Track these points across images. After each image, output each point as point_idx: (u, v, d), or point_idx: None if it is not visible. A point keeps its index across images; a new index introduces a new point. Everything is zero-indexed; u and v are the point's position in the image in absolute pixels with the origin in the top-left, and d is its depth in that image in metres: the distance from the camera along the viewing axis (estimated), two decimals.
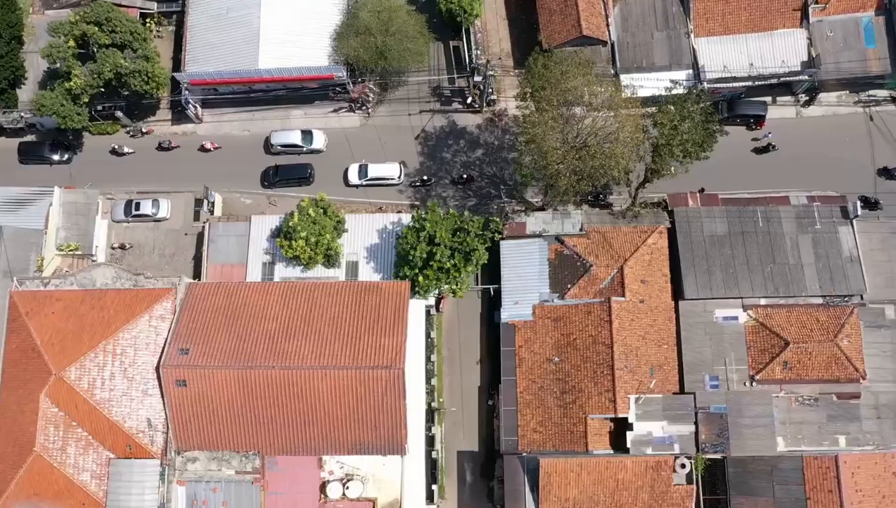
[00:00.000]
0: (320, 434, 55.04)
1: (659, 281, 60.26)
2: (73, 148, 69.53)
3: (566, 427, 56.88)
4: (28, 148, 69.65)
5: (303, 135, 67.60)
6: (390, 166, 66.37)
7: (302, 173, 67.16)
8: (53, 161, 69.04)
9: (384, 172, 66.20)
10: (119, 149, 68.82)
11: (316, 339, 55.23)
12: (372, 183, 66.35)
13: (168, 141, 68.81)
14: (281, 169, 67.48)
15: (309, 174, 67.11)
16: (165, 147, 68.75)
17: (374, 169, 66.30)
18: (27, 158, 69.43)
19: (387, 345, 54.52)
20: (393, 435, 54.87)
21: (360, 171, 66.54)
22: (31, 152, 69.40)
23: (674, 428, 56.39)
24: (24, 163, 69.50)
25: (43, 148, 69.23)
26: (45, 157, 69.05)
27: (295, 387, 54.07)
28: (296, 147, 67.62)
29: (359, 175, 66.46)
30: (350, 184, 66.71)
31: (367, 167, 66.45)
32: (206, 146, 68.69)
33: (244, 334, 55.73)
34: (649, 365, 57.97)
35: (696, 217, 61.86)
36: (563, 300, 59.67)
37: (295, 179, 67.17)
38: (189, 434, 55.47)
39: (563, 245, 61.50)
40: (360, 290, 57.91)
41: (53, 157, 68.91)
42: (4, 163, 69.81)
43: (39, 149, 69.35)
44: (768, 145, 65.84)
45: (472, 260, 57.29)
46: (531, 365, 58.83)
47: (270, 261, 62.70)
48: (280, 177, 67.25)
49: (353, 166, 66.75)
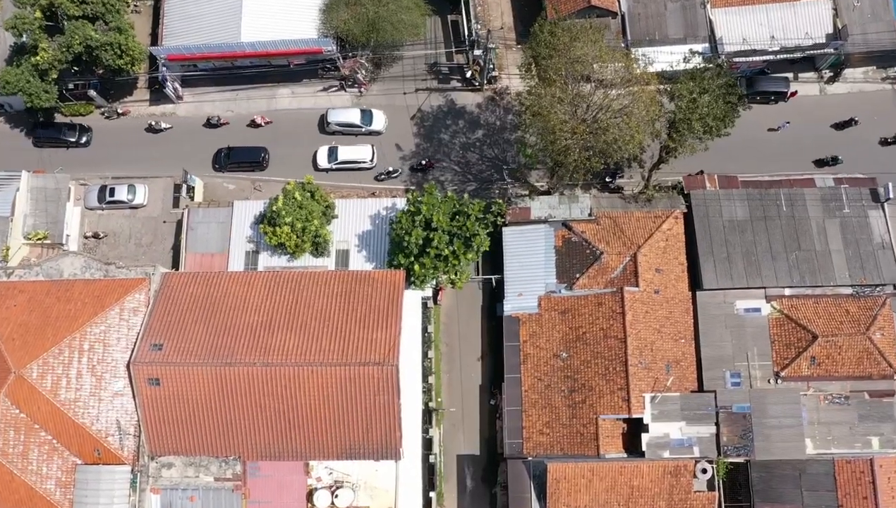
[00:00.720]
0: (307, 438, 50.44)
1: (675, 269, 55.95)
2: (90, 129, 64.94)
3: (575, 428, 52.49)
4: (43, 130, 64.70)
5: (362, 114, 62.78)
6: (362, 149, 62.20)
7: (254, 157, 62.79)
8: (70, 143, 64.15)
9: (355, 155, 62.04)
10: (156, 126, 64.02)
11: (302, 333, 50.59)
12: (342, 166, 62.07)
13: (217, 117, 63.95)
14: (233, 151, 63.14)
15: (262, 158, 62.81)
16: (215, 123, 63.91)
17: (345, 152, 62.10)
18: (42, 141, 64.51)
19: (379, 340, 49.89)
20: (386, 438, 50.27)
21: (329, 154, 62.30)
22: (46, 134, 64.44)
23: (693, 430, 52.12)
24: (38, 146, 64.64)
25: (59, 129, 64.36)
26: (61, 139, 64.10)
27: (279, 386, 49.46)
28: (353, 126, 62.80)
29: (328, 158, 62.25)
30: (319, 168, 62.50)
31: (336, 150, 62.18)
32: (257, 120, 63.89)
33: (224, 328, 51.11)
34: (665, 361, 53.66)
35: (714, 201, 57.60)
36: (571, 290, 55.31)
37: (247, 163, 62.92)
38: (163, 437, 50.85)
39: (570, 231, 56.99)
40: (351, 280, 53.27)
41: (70, 139, 63.97)
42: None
43: (55, 130, 64.43)
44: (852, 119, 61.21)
45: (472, 247, 52.61)
46: (537, 361, 54.60)
47: (254, 250, 58.26)
48: (232, 160, 63.00)
49: (323, 149, 62.68)
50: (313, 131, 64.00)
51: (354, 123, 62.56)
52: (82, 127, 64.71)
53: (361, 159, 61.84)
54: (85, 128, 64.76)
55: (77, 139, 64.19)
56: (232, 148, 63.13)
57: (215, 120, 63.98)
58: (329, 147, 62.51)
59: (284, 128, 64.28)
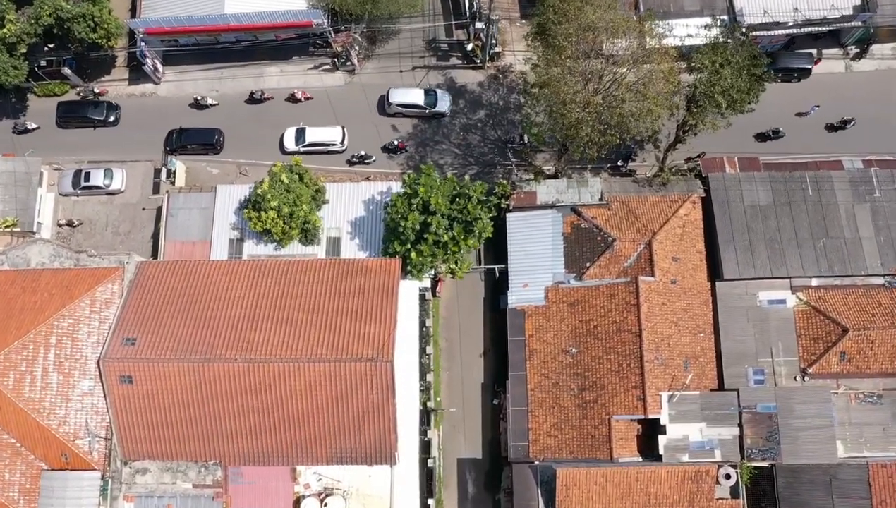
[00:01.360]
0: (294, 441, 46.23)
1: (693, 258, 51.86)
2: (119, 107, 60.74)
3: (586, 430, 48.40)
4: (68, 108, 60.20)
5: (426, 95, 58.53)
6: (331, 130, 58.25)
7: (208, 139, 58.89)
8: (97, 122, 59.82)
9: (324, 137, 58.06)
10: (202, 101, 59.76)
11: (288, 327, 46.37)
12: (310, 149, 58.07)
13: (261, 92, 59.73)
14: (185, 133, 59.14)
15: (216, 140, 58.88)
16: (258, 98, 59.67)
17: (313, 133, 58.12)
18: (67, 121, 60.14)
19: (373, 334, 45.68)
20: (380, 441, 46.06)
21: (296, 136, 58.33)
22: (71, 113, 59.95)
23: (714, 431, 48.12)
24: (63, 126, 60.36)
25: (85, 108, 59.97)
26: (88, 118, 59.70)
27: (263, 384, 45.24)
28: (417, 108, 58.52)
29: (295, 140, 58.31)
30: (286, 151, 58.54)
31: (304, 131, 58.21)
32: (297, 95, 59.71)
33: (203, 321, 46.89)
34: (683, 357, 49.69)
35: (734, 184, 53.60)
36: (580, 281, 51.21)
37: (200, 145, 58.97)
38: (137, 440, 46.65)
39: (580, 217, 52.84)
40: (342, 269, 49.05)
41: (97, 118, 59.62)
42: None
43: (81, 109, 60.00)
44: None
45: (473, 233, 48.40)
46: (544, 357, 50.69)
47: (239, 238, 54.12)
48: (184, 141, 59.11)
49: (290, 130, 58.75)
50: (286, 110, 60.10)
51: (418, 104, 58.26)
52: (110, 104, 60.25)
53: (331, 141, 57.98)
54: (113, 106, 60.35)
55: (105, 117, 59.77)
56: (184, 129, 59.35)
57: (259, 94, 59.57)
58: (297, 128, 58.66)
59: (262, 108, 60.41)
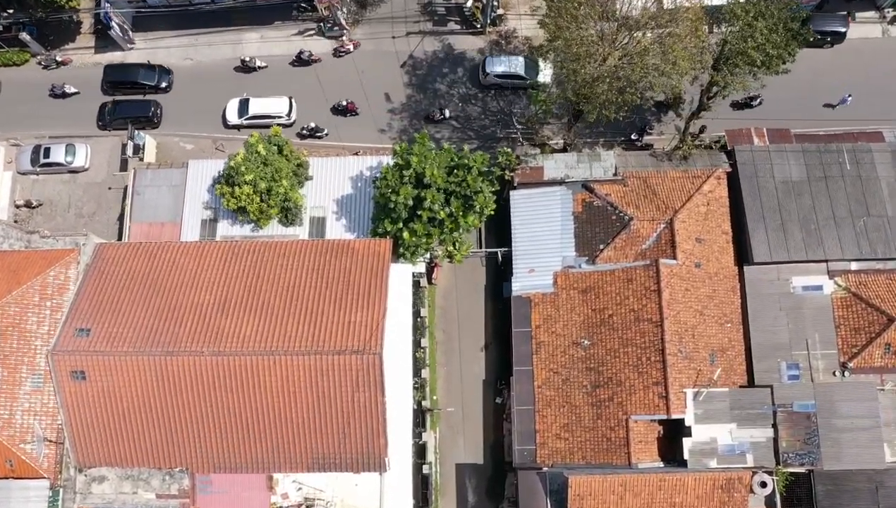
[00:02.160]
0: (269, 445, 40.78)
1: (718, 239, 46.59)
2: (171, 71, 55.29)
3: (601, 432, 43.09)
4: (115, 73, 54.80)
5: (526, 64, 52.27)
6: (277, 101, 53.11)
7: (143, 112, 53.81)
8: (148, 88, 54.47)
9: (269, 109, 53.01)
10: (250, 63, 54.45)
11: (263, 315, 40.92)
12: (254, 122, 53.00)
13: (309, 52, 54.18)
14: (119, 105, 53.99)
15: (152, 114, 53.78)
16: (306, 60, 54.32)
17: (257, 105, 53.04)
18: (114, 87, 54.70)
19: (359, 323, 40.23)
20: (368, 446, 40.60)
21: (240, 108, 53.31)
22: (120, 78, 54.64)
23: (745, 433, 42.83)
24: (111, 92, 54.90)
25: (135, 72, 54.52)
26: (137, 84, 54.34)
27: (234, 380, 39.82)
28: (518, 78, 52.54)
29: (238, 113, 53.29)
30: (229, 124, 53.57)
31: (248, 102, 53.20)
32: (348, 47, 54.36)
33: (167, 309, 41.43)
34: (709, 350, 44.37)
35: (763, 158, 48.40)
36: (593, 265, 45.90)
37: (135, 119, 53.70)
38: (92, 444, 41.23)
39: (592, 194, 47.47)
40: (325, 251, 43.59)
41: (148, 83, 54.27)
42: None
43: (130, 73, 54.61)
44: None
45: (474, 208, 42.92)
46: (552, 350, 45.40)
47: (212, 218, 48.84)
48: (118, 115, 53.90)
49: (233, 102, 53.60)
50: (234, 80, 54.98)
51: (518, 74, 52.31)
52: (163, 68, 54.89)
53: (277, 113, 52.80)
54: (166, 70, 54.97)
55: (157, 83, 54.43)
56: (118, 101, 54.20)
57: (307, 55, 54.12)
58: (240, 99, 53.51)
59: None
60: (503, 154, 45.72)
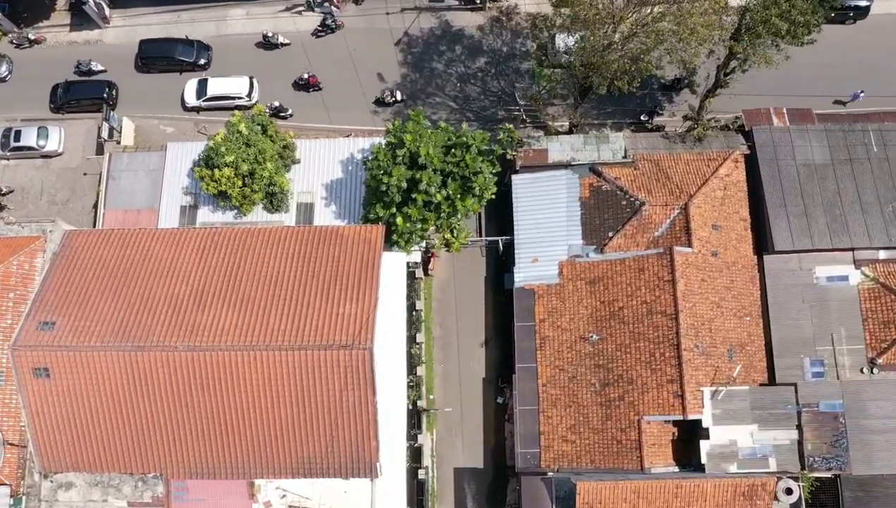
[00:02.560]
0: (251, 449, 37.49)
1: (736, 227, 43.45)
2: (210, 48, 51.98)
3: (610, 434, 39.92)
4: (151, 49, 51.48)
5: None
6: (237, 81, 50.08)
7: (97, 93, 50.49)
8: (186, 64, 51.09)
9: (228, 89, 49.95)
10: (272, 38, 50.98)
11: (244, 307, 37.61)
12: (214, 104, 50.12)
13: (333, 18, 50.92)
14: (72, 86, 50.90)
15: (107, 94, 50.39)
16: (330, 25, 51.04)
17: (216, 85, 49.97)
18: (150, 62, 51.47)
19: (348, 315, 36.89)
20: (358, 449, 37.30)
21: (198, 89, 50.21)
22: (156, 55, 51.37)
23: (768, 435, 39.69)
24: (145, 70, 51.68)
25: (172, 47, 51.16)
26: (174, 61, 51.01)
27: (211, 378, 36.50)
28: None
29: (197, 94, 50.23)
30: (188, 106, 50.60)
31: (206, 82, 50.11)
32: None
33: (140, 301, 38.14)
34: (727, 345, 41.18)
35: (784, 139, 45.24)
36: (602, 254, 42.72)
37: (89, 100, 50.54)
38: (58, 448, 37.95)
39: (600, 177, 44.21)
40: (312, 238, 40.26)
41: (185, 59, 50.84)
42: None
43: (167, 48, 51.25)
44: None
45: (472, 191, 39.53)
46: (558, 346, 42.24)
47: (192, 204, 45.73)
48: (70, 96, 50.77)
49: (191, 82, 50.65)
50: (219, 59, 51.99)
51: None
52: (201, 44, 51.53)
53: (236, 93, 49.71)
54: (205, 46, 51.56)
55: (195, 59, 51.05)
56: (71, 83, 51.07)
57: (332, 21, 50.87)
58: (198, 80, 50.44)
59: None
60: (505, 131, 42.30)
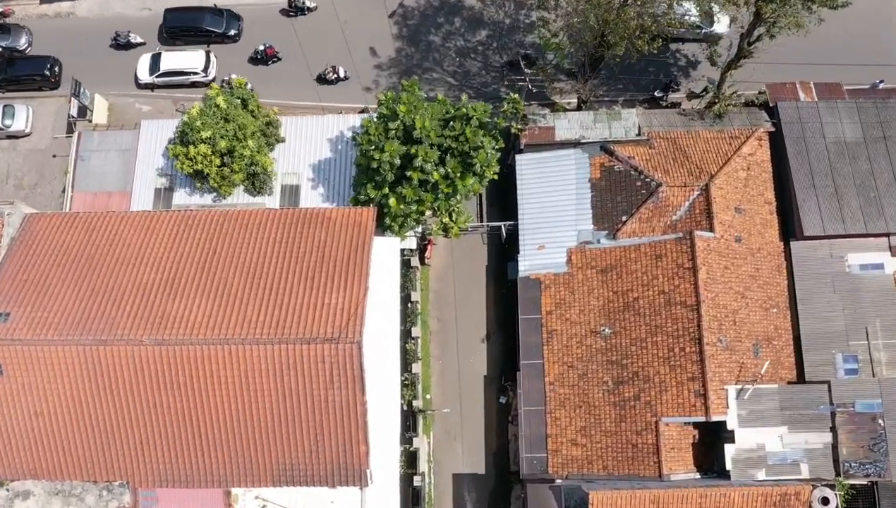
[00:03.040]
0: (226, 454, 33.78)
1: (761, 210, 39.87)
2: (241, 18, 48.12)
3: (625, 437, 36.35)
4: (178, 18, 47.68)
5: (699, 8, 42.84)
6: (192, 56, 46.65)
7: (38, 69, 47.00)
8: (214, 35, 47.25)
9: (183, 64, 46.49)
10: (298, 2, 47.23)
11: (219, 296, 33.91)
12: (168, 80, 46.72)
13: None
14: (10, 64, 47.24)
15: (50, 71, 46.94)
16: (301, 6, 47.42)
17: (169, 59, 46.55)
18: (176, 34, 47.68)
19: (335, 306, 33.18)
20: (346, 455, 33.58)
21: (151, 64, 46.76)
22: (183, 24, 47.59)
23: (799, 438, 36.09)
24: (172, 41, 47.89)
25: (201, 17, 47.40)
26: (202, 30, 47.23)
27: (182, 375, 32.79)
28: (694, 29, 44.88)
29: (150, 69, 46.78)
30: (141, 83, 47.10)
31: (160, 57, 46.66)
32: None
33: (104, 289, 34.46)
34: (753, 339, 37.52)
35: (812, 116, 41.70)
36: (614, 240, 39.11)
37: (29, 78, 47.12)
38: (14, 453, 34.22)
39: (612, 157, 40.54)
40: (296, 221, 36.56)
41: (214, 30, 47.05)
42: None
43: (195, 18, 47.49)
44: None
45: (473, 169, 35.73)
46: (567, 340, 38.61)
47: (167, 186, 42.01)
48: (9, 74, 47.17)
49: (144, 57, 47.20)
50: None
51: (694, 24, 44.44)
52: (231, 14, 47.76)
53: (191, 68, 46.24)
54: (235, 16, 47.83)
55: (224, 30, 47.28)
56: (11, 59, 47.39)
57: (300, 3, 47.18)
58: (152, 54, 46.99)
59: None
60: (509, 101, 38.49)
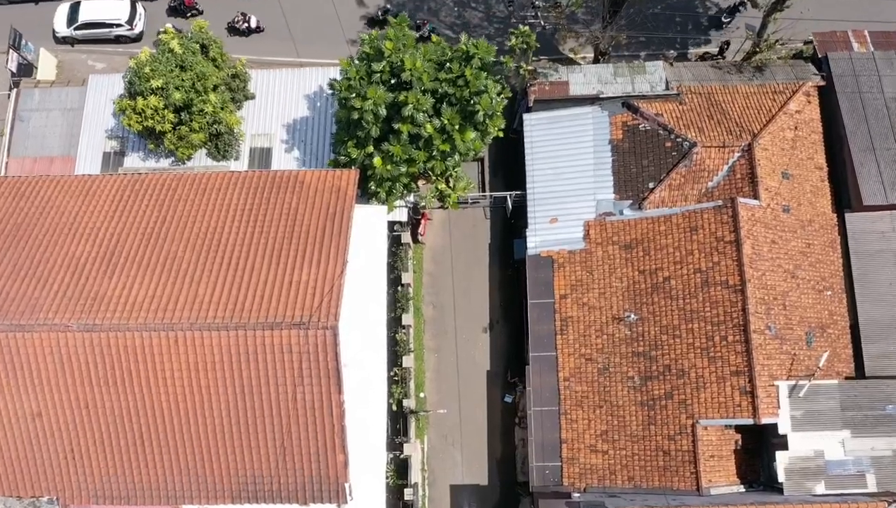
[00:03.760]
0: (175, 465, 27.95)
1: (811, 176, 34.25)
2: None
3: (654, 443, 30.62)
4: None
5: None
6: (115, 5, 41.21)
7: None
8: None
9: (105, 14, 41.02)
10: None
11: (166, 273, 28.10)
12: (88, 34, 41.31)
13: None
14: None
15: None
16: None
17: (89, 9, 41.26)
18: None
19: (306, 283, 27.39)
20: (320, 464, 27.79)
21: (69, 15, 41.38)
22: None
23: (864, 445, 30.45)
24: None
25: None
26: None
27: (119, 369, 27.03)
28: None
29: (68, 21, 41.35)
30: (59, 37, 41.63)
31: (79, 7, 41.30)
32: None
33: (29, 266, 28.71)
34: (805, 326, 31.74)
35: (868, 68, 36.14)
36: (640, 210, 33.39)
37: None
38: None
39: (636, 114, 34.79)
40: (262, 186, 30.73)
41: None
42: None
43: None
44: None
45: (474, 120, 29.77)
46: (584, 329, 32.93)
47: (118, 150, 36.39)
48: None
49: (62, 7, 41.96)
50: None
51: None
52: None
53: (114, 19, 40.76)
54: None
55: None
56: None
57: None
58: (70, 3, 41.63)
59: None
60: (519, 34, 32.43)
